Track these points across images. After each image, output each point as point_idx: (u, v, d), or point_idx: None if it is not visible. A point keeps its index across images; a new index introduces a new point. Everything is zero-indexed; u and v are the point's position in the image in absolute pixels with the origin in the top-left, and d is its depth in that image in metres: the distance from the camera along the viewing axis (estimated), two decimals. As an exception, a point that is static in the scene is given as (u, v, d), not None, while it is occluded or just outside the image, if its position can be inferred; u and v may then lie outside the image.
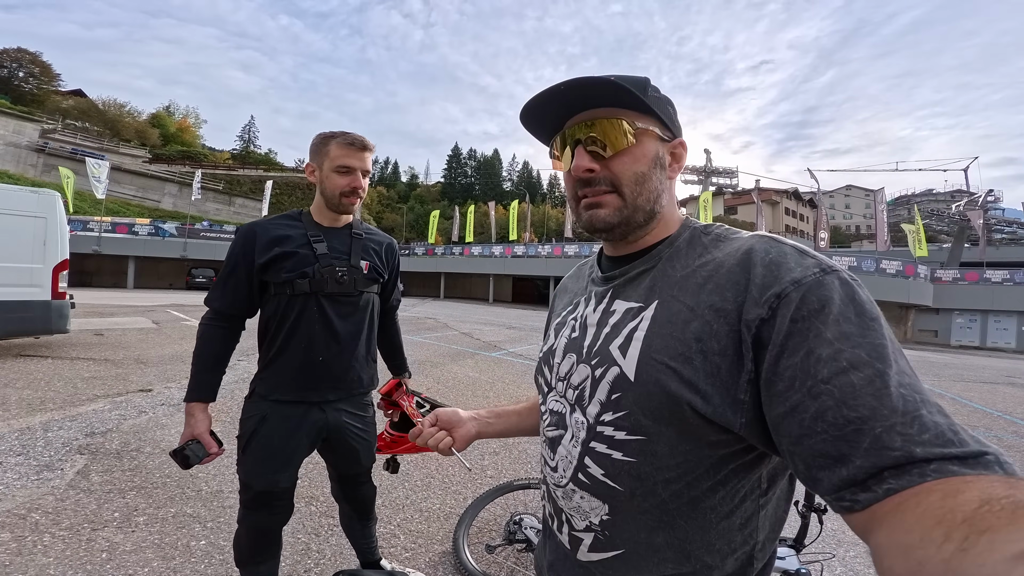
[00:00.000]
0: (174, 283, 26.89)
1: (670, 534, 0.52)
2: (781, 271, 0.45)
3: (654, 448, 0.51)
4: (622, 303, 0.58)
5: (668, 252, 0.58)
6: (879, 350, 0.40)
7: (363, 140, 1.37)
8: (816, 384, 0.39)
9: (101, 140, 39.73)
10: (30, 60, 41.83)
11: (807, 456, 0.40)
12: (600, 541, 0.56)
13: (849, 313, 0.42)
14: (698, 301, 0.50)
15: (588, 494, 0.56)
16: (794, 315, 0.42)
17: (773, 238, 0.51)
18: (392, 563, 1.89)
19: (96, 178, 24.03)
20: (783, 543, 1.69)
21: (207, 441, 1.30)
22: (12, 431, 3.20)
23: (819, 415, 0.39)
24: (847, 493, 0.37)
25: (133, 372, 5.19)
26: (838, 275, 0.44)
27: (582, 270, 0.76)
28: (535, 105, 0.58)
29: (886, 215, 23.34)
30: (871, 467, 0.36)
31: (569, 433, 0.59)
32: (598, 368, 0.56)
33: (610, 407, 0.54)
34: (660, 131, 0.58)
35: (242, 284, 1.35)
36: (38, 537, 1.97)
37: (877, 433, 0.36)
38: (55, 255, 5.66)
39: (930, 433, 0.35)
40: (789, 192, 51.82)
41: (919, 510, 0.31)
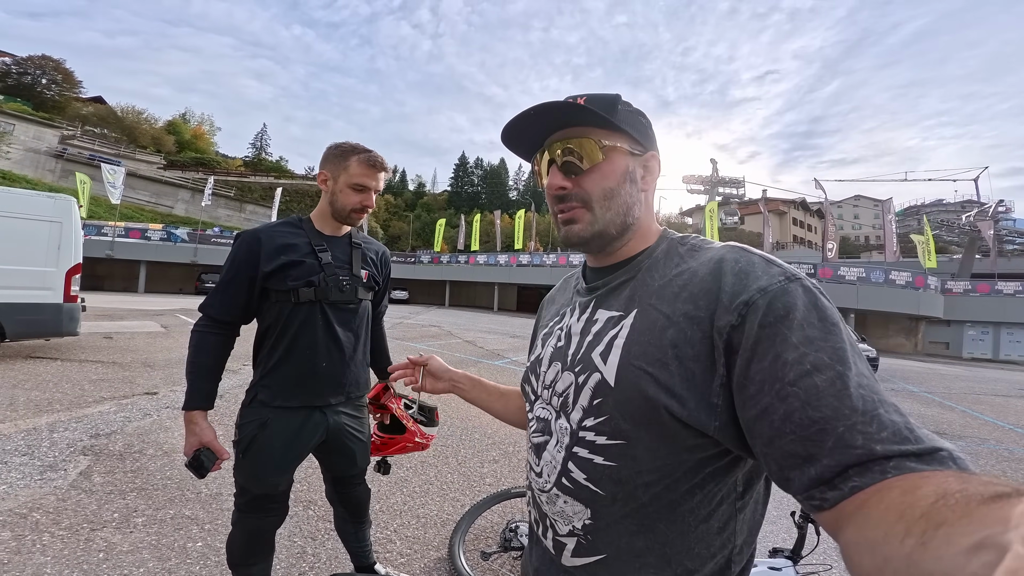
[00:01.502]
0: (184, 288, 27.22)
1: (650, 538, 0.53)
2: (749, 279, 0.48)
3: (634, 452, 0.52)
4: (604, 312, 0.60)
5: (647, 263, 0.60)
6: (839, 353, 0.42)
7: (383, 162, 1.41)
8: (784, 387, 0.41)
9: (118, 146, 40.72)
10: (53, 67, 42.97)
11: (779, 456, 0.41)
12: (583, 546, 0.57)
13: (812, 318, 0.44)
14: (674, 309, 0.52)
15: (571, 499, 0.57)
16: (762, 321, 0.44)
17: (743, 248, 0.53)
18: (387, 568, 1.88)
19: (111, 184, 24.55)
20: (780, 554, 1.66)
21: (218, 448, 1.30)
22: (19, 431, 3.25)
23: (787, 416, 0.41)
24: (816, 492, 0.39)
25: (140, 375, 5.26)
26: (801, 283, 0.47)
27: (568, 282, 0.78)
28: (512, 128, 0.62)
29: (895, 225, 23.08)
30: (836, 465, 0.37)
31: (554, 439, 0.61)
32: (581, 375, 0.58)
33: (592, 412, 0.55)
34: (630, 146, 0.60)
35: (243, 291, 1.35)
36: (37, 536, 1.99)
37: (840, 432, 0.38)
38: (69, 259, 5.78)
39: (888, 431, 0.37)
40: (796, 202, 51.54)
41: (881, 506, 0.33)
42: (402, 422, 1.75)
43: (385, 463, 1.79)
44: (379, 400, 1.74)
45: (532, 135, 0.63)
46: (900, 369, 12.79)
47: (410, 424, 1.77)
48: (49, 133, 35.48)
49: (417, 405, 1.90)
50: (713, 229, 23.42)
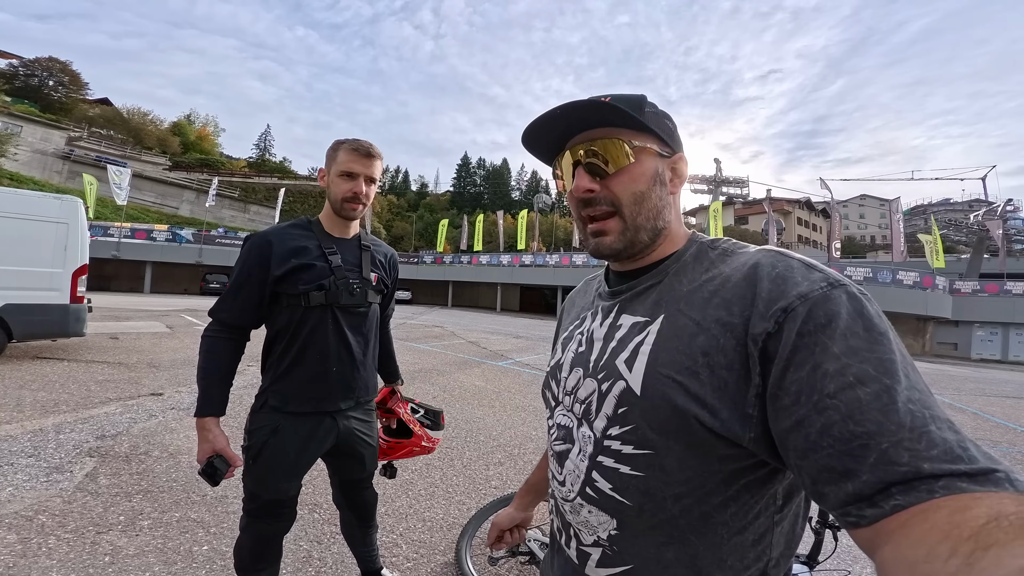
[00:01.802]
0: (189, 288, 27.39)
1: (680, 550, 0.51)
2: (788, 285, 0.45)
3: (662, 462, 0.50)
4: (628, 317, 0.58)
5: (675, 267, 0.58)
6: (887, 365, 0.39)
7: (369, 147, 1.37)
8: (822, 399, 0.39)
9: (124, 148, 41.01)
10: (60, 69, 43.19)
11: (813, 470, 0.40)
12: (608, 556, 0.55)
13: (857, 328, 0.41)
14: (705, 315, 0.50)
15: (596, 508, 0.55)
16: (801, 329, 0.42)
17: (780, 252, 0.51)
18: (393, 572, 1.87)
19: (117, 185, 24.73)
20: (796, 560, 1.64)
21: (230, 455, 1.28)
22: (25, 432, 3.26)
23: (825, 430, 0.39)
24: (853, 508, 0.37)
25: (145, 376, 5.27)
26: (846, 289, 0.44)
27: (590, 284, 0.76)
28: (535, 128, 0.60)
29: (902, 225, 22.90)
30: (878, 482, 0.36)
31: (576, 447, 0.59)
32: (604, 382, 0.56)
33: (617, 421, 0.54)
34: (659, 148, 0.58)
35: (254, 295, 1.33)
36: (43, 539, 1.98)
37: (884, 448, 0.36)
38: (75, 260, 5.81)
39: (938, 449, 0.35)
40: (801, 202, 51.28)
41: (926, 526, 0.31)
42: (408, 426, 1.74)
43: (391, 467, 1.78)
44: (385, 404, 1.73)
45: (554, 137, 0.61)
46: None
47: (416, 428, 1.76)
48: (56, 135, 35.78)
49: (423, 409, 1.89)
50: (717, 229, 23.30)
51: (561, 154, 0.62)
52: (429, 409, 1.88)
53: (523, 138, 0.62)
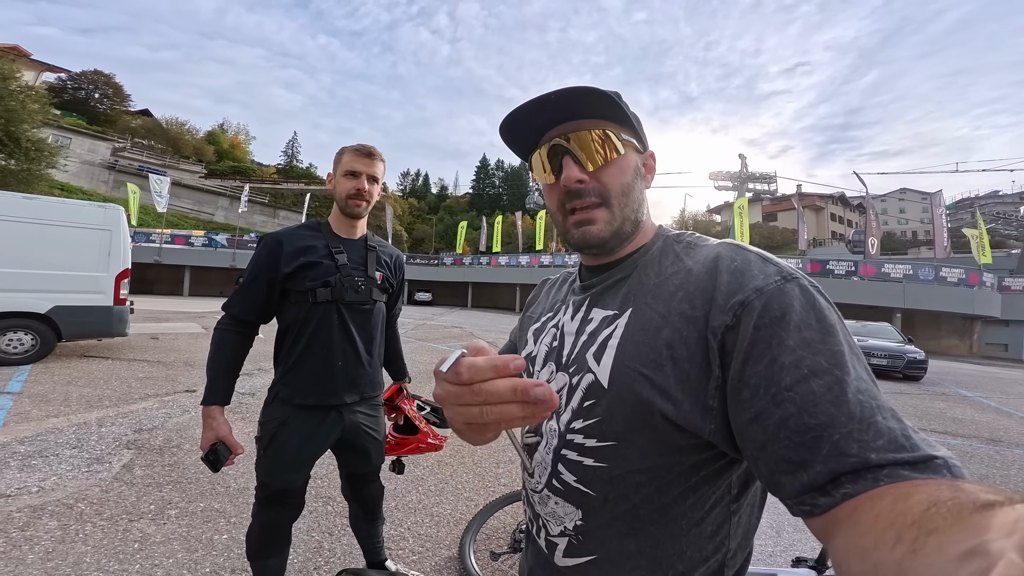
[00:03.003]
0: (223, 291, 28.60)
1: (641, 540, 0.52)
2: (745, 279, 0.46)
3: (625, 453, 0.52)
4: (599, 311, 0.59)
5: (643, 260, 0.59)
6: (838, 357, 0.41)
7: (370, 148, 1.46)
8: (780, 391, 0.40)
9: (164, 157, 43.20)
10: (104, 81, 45.80)
11: (770, 461, 0.41)
12: (574, 546, 0.57)
13: (810, 320, 0.43)
14: (669, 308, 0.51)
15: (562, 500, 0.57)
16: (757, 322, 0.43)
17: (739, 246, 0.52)
18: (397, 564, 1.94)
19: (158, 193, 26.14)
20: (803, 564, 1.61)
21: (232, 442, 1.37)
22: (71, 425, 3.52)
23: (782, 422, 0.40)
24: (808, 498, 0.38)
25: (181, 374, 5.58)
26: (798, 282, 0.45)
27: (565, 278, 0.77)
28: (520, 114, 0.57)
29: (946, 219, 21.60)
30: (830, 473, 0.37)
31: (544, 440, 0.60)
32: (575, 376, 0.57)
33: (581, 414, 0.55)
34: (637, 142, 0.60)
35: (262, 292, 1.42)
36: (80, 526, 2.15)
37: (835, 440, 0.37)
38: (118, 264, 6.19)
39: (884, 439, 0.37)
40: (835, 197, 49.10)
41: (872, 513, 0.33)
42: (414, 423, 1.79)
43: (399, 463, 1.83)
44: (393, 401, 1.79)
45: (536, 127, 0.59)
46: (952, 372, 11.96)
47: (423, 425, 1.81)
48: (102, 146, 38.03)
49: (430, 407, 1.94)
50: (744, 226, 22.61)
51: (542, 144, 0.60)
52: (436, 407, 1.93)
53: (504, 126, 0.59)
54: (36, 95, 16.82)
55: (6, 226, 5.47)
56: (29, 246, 5.61)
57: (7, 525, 2.09)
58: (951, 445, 4.67)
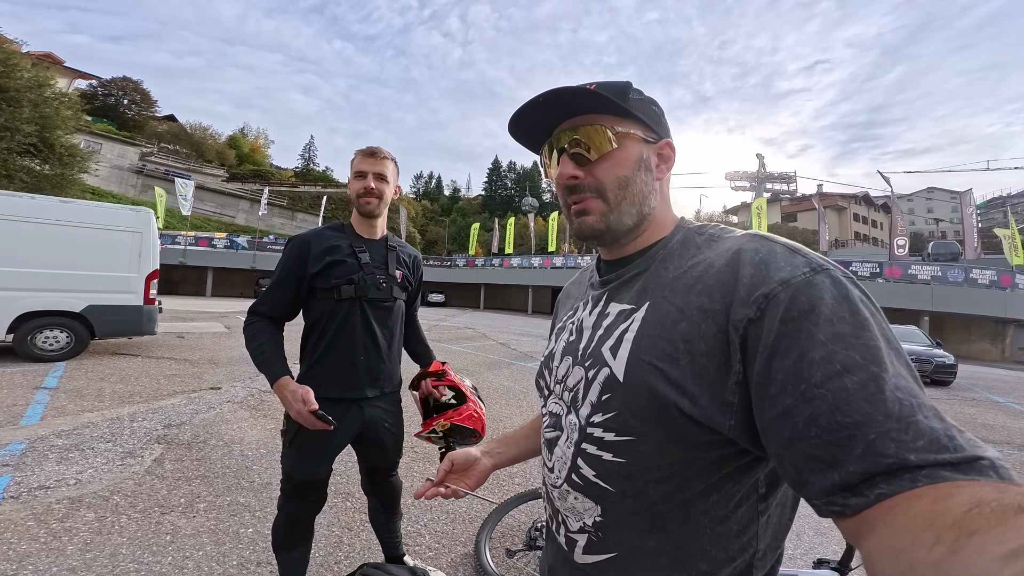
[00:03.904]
0: (244, 292, 29.36)
1: (662, 538, 0.51)
2: (770, 271, 0.45)
3: (643, 449, 0.51)
4: (616, 305, 0.59)
5: (662, 253, 0.58)
6: (873, 352, 0.39)
7: (374, 148, 1.55)
8: (809, 388, 0.39)
9: (188, 161, 44.53)
10: (133, 88, 47.38)
11: (797, 460, 0.39)
12: (593, 543, 0.56)
13: (842, 313, 0.41)
14: (687, 302, 0.49)
15: (581, 495, 0.56)
16: (783, 316, 0.41)
17: (764, 236, 0.50)
18: (415, 560, 1.98)
19: (183, 196, 27.01)
20: (825, 565, 1.59)
21: (311, 400, 1.33)
22: (105, 420, 3.69)
23: (812, 420, 0.38)
24: (838, 498, 0.37)
25: (206, 371, 5.77)
26: (829, 274, 0.43)
27: (584, 275, 0.78)
28: (519, 116, 0.60)
29: (976, 219, 20.80)
30: (863, 473, 0.35)
31: (564, 434, 0.60)
32: (591, 370, 0.57)
33: (600, 408, 0.55)
34: (643, 133, 0.59)
35: (291, 290, 1.50)
36: (116, 518, 2.25)
37: (871, 439, 0.36)
38: (148, 265, 6.43)
39: (925, 439, 0.35)
40: (858, 197, 47.66)
41: (910, 514, 0.32)
42: (461, 390, 1.71)
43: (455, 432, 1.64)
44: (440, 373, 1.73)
45: (541, 125, 0.61)
46: (984, 377, 11.50)
47: (469, 395, 1.72)
48: (131, 151, 39.36)
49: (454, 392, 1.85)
50: (762, 227, 22.18)
51: (547, 142, 0.62)
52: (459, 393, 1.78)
53: (509, 126, 0.62)
54: (69, 102, 17.50)
55: (44, 229, 5.74)
56: (65, 248, 5.88)
57: (48, 516, 2.20)
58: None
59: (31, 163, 15.90)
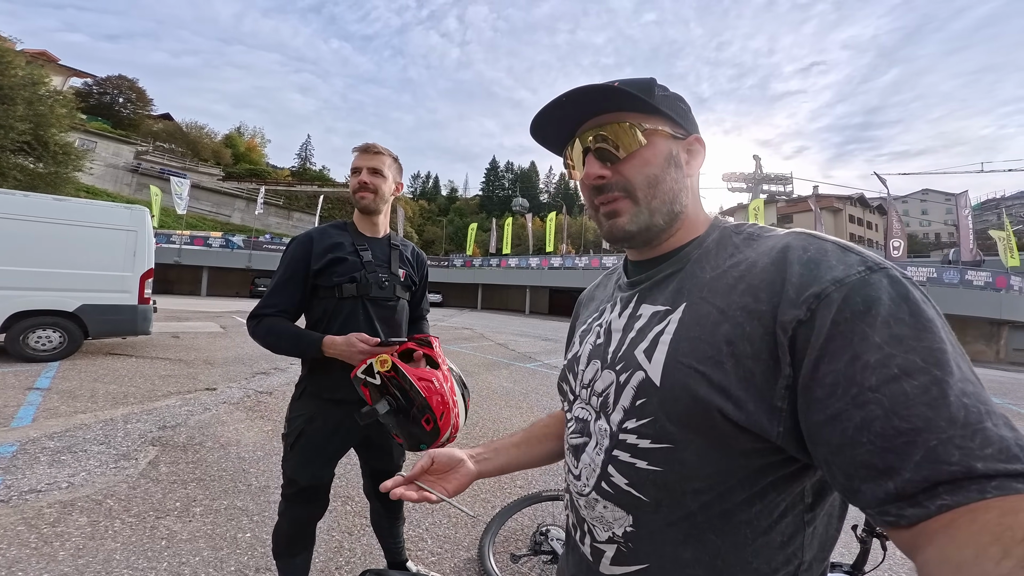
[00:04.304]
0: (239, 292, 29.20)
1: (699, 549, 0.49)
2: (821, 269, 0.42)
3: (681, 457, 0.48)
4: (648, 307, 0.57)
5: (697, 253, 0.56)
6: (936, 355, 0.37)
7: (369, 143, 1.53)
8: (863, 392, 0.37)
9: (184, 160, 44.29)
10: (129, 87, 47.20)
11: (848, 466, 0.37)
12: (623, 554, 0.54)
13: (901, 314, 0.38)
14: (729, 302, 0.47)
15: (611, 504, 0.54)
16: (836, 317, 0.39)
17: (812, 234, 0.48)
18: (418, 566, 1.94)
19: (178, 195, 26.81)
20: (838, 569, 1.56)
21: (367, 338, 1.33)
22: (98, 421, 3.62)
23: (865, 425, 0.36)
24: (893, 507, 0.35)
25: (201, 372, 5.70)
26: (887, 273, 0.41)
27: (609, 277, 0.75)
28: (542, 117, 0.58)
29: (971, 221, 20.95)
30: (923, 481, 0.33)
31: (593, 441, 0.58)
32: (623, 373, 0.55)
33: (634, 414, 0.52)
34: (671, 130, 0.57)
35: (298, 288, 1.47)
36: (109, 523, 2.19)
37: (932, 446, 0.34)
38: (142, 264, 6.35)
39: (994, 447, 0.33)
40: (853, 198, 47.93)
41: (975, 527, 0.30)
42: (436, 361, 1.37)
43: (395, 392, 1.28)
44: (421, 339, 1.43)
45: (563, 125, 0.59)
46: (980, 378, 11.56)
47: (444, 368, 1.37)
48: (126, 149, 39.14)
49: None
50: (759, 228, 22.27)
51: (571, 142, 0.60)
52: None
53: (531, 128, 0.60)
54: (64, 100, 17.38)
55: (37, 227, 5.66)
56: (58, 246, 5.80)
57: (38, 521, 2.14)
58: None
59: (25, 161, 15.77)
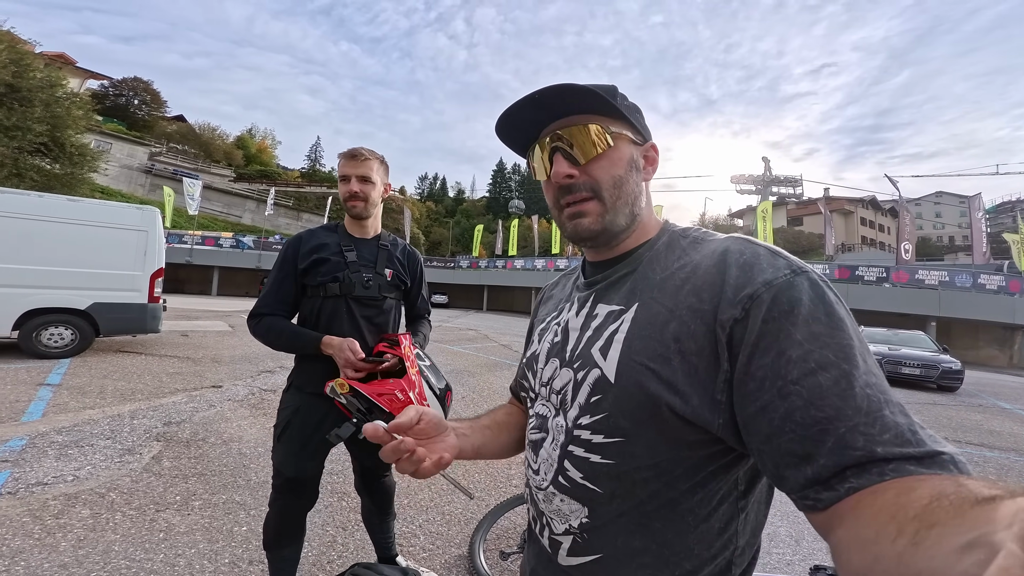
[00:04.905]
0: (249, 291, 29.56)
1: (648, 538, 0.52)
2: (754, 272, 0.46)
3: (632, 449, 0.51)
4: (604, 306, 0.59)
5: (648, 255, 0.59)
6: (846, 350, 0.41)
7: (354, 150, 1.53)
8: (786, 384, 0.40)
9: (196, 161, 44.95)
10: (143, 88, 47.92)
11: (775, 455, 0.41)
12: (579, 544, 0.56)
13: (818, 313, 0.43)
14: (676, 302, 0.51)
15: (568, 497, 0.56)
16: (765, 316, 0.43)
17: (748, 240, 0.52)
18: (408, 561, 1.97)
19: (190, 196, 27.26)
20: (822, 572, 1.55)
21: (356, 347, 1.40)
22: (105, 417, 3.71)
23: (788, 415, 0.40)
24: (811, 492, 0.38)
25: (208, 370, 5.80)
26: (808, 276, 0.45)
27: (567, 278, 0.77)
28: (511, 114, 0.59)
29: (985, 224, 20.55)
30: (834, 466, 0.37)
31: (550, 437, 0.60)
32: (580, 371, 0.57)
33: (588, 410, 0.55)
34: (632, 135, 0.60)
35: (290, 288, 1.52)
36: (111, 515, 2.25)
37: (841, 433, 0.37)
38: (153, 264, 6.48)
39: (890, 433, 0.37)
40: (865, 200, 47.25)
41: (875, 507, 0.33)
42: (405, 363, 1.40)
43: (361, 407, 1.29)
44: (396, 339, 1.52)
45: (530, 124, 0.61)
46: (991, 383, 11.34)
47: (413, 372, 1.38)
48: (140, 151, 39.78)
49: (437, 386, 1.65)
50: (768, 230, 22.05)
51: (535, 142, 0.62)
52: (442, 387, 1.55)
53: (497, 127, 0.61)
54: (80, 102, 17.72)
55: (51, 227, 5.80)
56: (71, 245, 5.94)
57: (43, 512, 2.21)
58: (988, 458, 4.44)
59: (42, 162, 16.10)
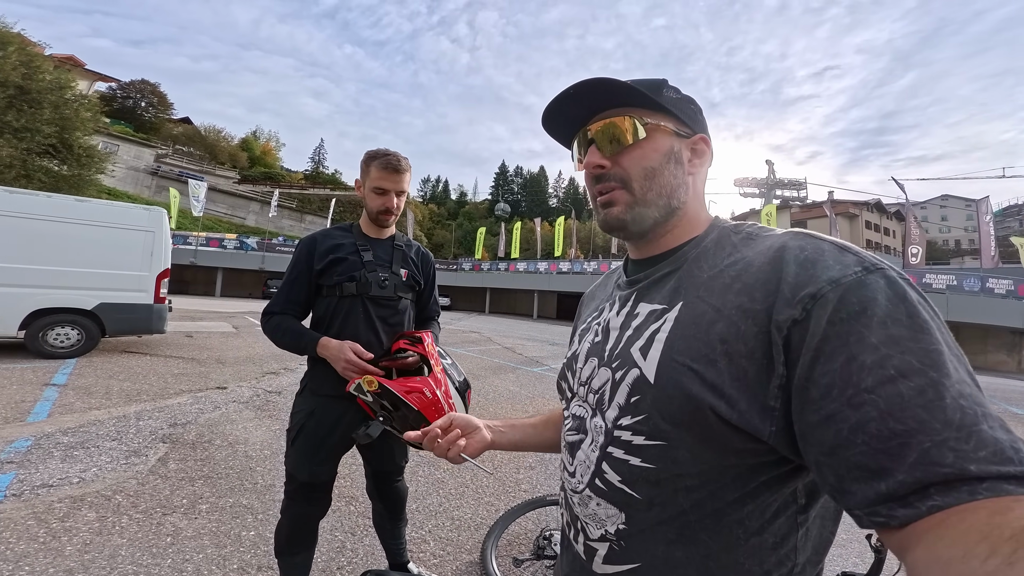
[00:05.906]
0: (253, 292, 29.68)
1: (691, 549, 0.48)
2: (817, 269, 0.42)
3: (674, 454, 0.48)
4: (646, 305, 0.57)
5: (695, 252, 0.56)
6: (933, 356, 0.36)
7: (397, 163, 1.48)
8: (858, 393, 0.36)
9: (202, 163, 45.30)
10: (151, 91, 48.55)
11: (840, 467, 0.37)
12: (615, 552, 0.53)
13: (898, 315, 0.38)
14: (724, 301, 0.47)
15: (605, 501, 0.54)
16: (831, 317, 0.39)
17: (809, 234, 0.48)
18: (419, 567, 1.93)
19: (195, 197, 27.43)
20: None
21: (360, 349, 1.40)
22: (111, 418, 3.69)
23: (859, 426, 0.36)
24: (883, 508, 0.35)
25: (213, 371, 5.78)
26: (884, 273, 0.41)
27: (610, 278, 0.76)
28: (552, 110, 0.60)
29: (993, 227, 20.38)
30: (915, 483, 0.33)
31: (588, 437, 0.58)
32: (619, 371, 0.55)
33: (628, 411, 0.52)
34: (675, 127, 0.58)
35: (304, 288, 1.51)
36: (117, 518, 2.22)
37: (926, 448, 0.33)
38: (159, 264, 6.50)
39: (988, 450, 0.33)
40: (870, 204, 47.00)
41: (963, 526, 0.30)
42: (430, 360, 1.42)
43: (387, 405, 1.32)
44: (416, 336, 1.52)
45: (573, 118, 0.61)
46: (1000, 388, 11.20)
47: (437, 369, 1.40)
48: (147, 152, 40.16)
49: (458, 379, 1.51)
50: (772, 233, 21.99)
51: (578, 134, 0.62)
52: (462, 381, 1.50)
53: (543, 118, 0.62)
54: (89, 104, 17.89)
55: (58, 227, 5.82)
56: (78, 246, 5.96)
57: (48, 515, 2.18)
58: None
59: (50, 163, 16.22)
